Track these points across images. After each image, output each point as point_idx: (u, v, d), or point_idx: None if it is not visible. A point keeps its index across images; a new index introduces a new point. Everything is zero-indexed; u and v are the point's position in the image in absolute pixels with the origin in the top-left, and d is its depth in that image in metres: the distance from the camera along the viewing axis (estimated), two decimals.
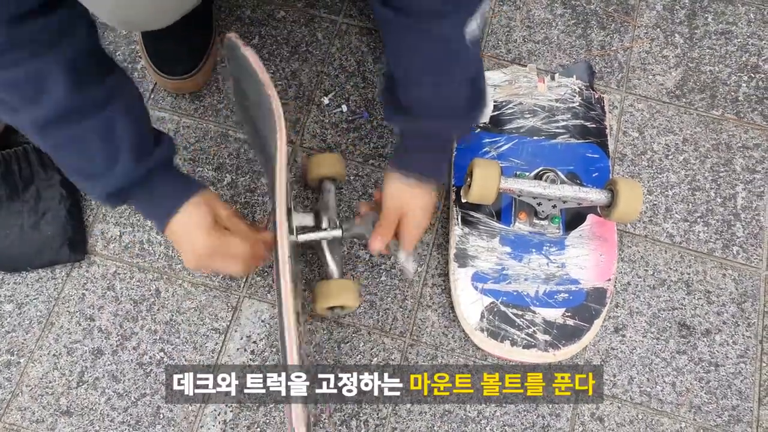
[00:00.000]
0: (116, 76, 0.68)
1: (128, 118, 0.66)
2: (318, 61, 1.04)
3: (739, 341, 0.90)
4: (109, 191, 0.68)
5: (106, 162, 0.66)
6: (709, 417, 0.87)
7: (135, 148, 0.67)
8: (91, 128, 0.64)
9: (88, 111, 0.64)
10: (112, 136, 0.65)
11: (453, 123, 0.74)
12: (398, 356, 0.88)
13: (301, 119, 1.00)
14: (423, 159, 0.76)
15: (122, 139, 0.66)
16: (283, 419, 0.85)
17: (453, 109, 0.72)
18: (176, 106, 1.01)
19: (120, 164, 0.66)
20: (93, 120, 0.64)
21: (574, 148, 0.96)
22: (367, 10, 1.07)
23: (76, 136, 0.65)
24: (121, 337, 0.89)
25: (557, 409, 0.86)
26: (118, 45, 1.04)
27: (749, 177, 0.99)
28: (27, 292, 0.91)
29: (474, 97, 0.74)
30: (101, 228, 0.94)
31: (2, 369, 0.87)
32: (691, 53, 1.07)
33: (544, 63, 1.05)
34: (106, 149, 0.66)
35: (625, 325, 0.91)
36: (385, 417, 0.85)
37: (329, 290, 0.83)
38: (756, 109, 1.03)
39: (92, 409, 0.86)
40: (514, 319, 0.87)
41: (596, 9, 1.09)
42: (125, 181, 0.68)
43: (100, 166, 0.67)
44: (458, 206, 0.92)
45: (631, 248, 0.95)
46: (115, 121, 0.65)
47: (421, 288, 0.92)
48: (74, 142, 0.65)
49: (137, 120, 0.68)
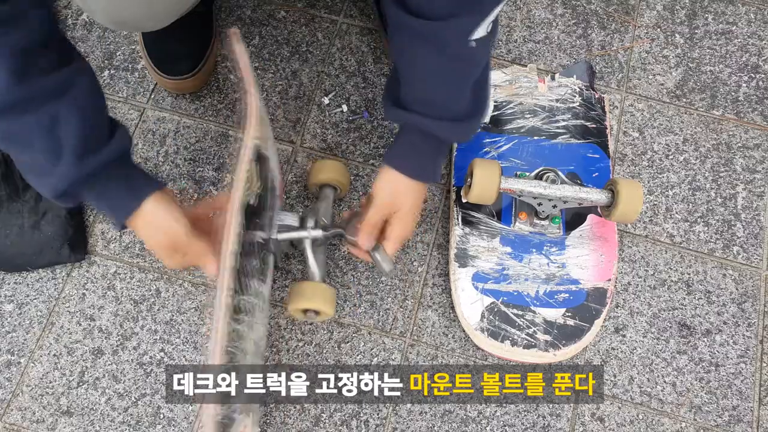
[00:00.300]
0: (72, 68, 0.63)
1: (76, 115, 0.62)
2: (318, 61, 1.04)
3: (739, 341, 0.90)
4: (56, 191, 0.65)
5: (50, 160, 0.63)
6: (709, 417, 0.87)
7: (79, 147, 0.63)
8: (34, 123, 0.61)
9: (30, 105, 0.60)
10: (54, 134, 0.62)
11: (451, 126, 0.73)
12: (398, 356, 0.88)
13: (302, 119, 1.00)
14: (416, 158, 0.76)
15: (66, 138, 0.62)
16: (284, 419, 0.85)
17: (453, 111, 0.72)
18: (176, 106, 1.01)
19: (62, 164, 0.63)
20: (35, 115, 0.60)
21: (574, 148, 0.96)
22: (367, 10, 1.07)
23: (19, 131, 0.61)
24: (121, 337, 0.89)
25: (557, 409, 0.86)
26: (119, 45, 1.04)
27: (749, 177, 0.99)
28: (27, 292, 0.91)
29: (475, 103, 0.73)
30: (101, 228, 0.94)
31: (3, 369, 0.87)
32: (692, 53, 1.07)
33: (545, 63, 1.05)
34: (48, 147, 0.62)
35: (625, 325, 0.91)
36: (386, 417, 0.85)
37: (303, 291, 0.81)
38: (756, 109, 1.03)
39: (92, 409, 0.86)
40: (515, 319, 0.87)
41: (596, 9, 1.09)
42: (68, 181, 0.64)
43: (45, 165, 0.63)
44: (459, 206, 0.92)
45: (631, 248, 0.95)
46: (60, 118, 0.61)
47: (421, 288, 0.92)
48: (18, 137, 0.62)
49: (86, 116, 0.64)
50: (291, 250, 0.92)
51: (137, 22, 0.77)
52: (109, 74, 1.02)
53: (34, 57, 0.59)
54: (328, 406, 0.85)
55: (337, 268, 0.92)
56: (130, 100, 1.01)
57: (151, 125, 1.00)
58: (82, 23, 1.04)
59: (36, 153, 0.63)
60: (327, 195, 0.90)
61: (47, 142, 0.62)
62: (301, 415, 0.85)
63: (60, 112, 0.61)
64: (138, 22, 0.76)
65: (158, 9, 0.74)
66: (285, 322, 0.89)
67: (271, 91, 1.02)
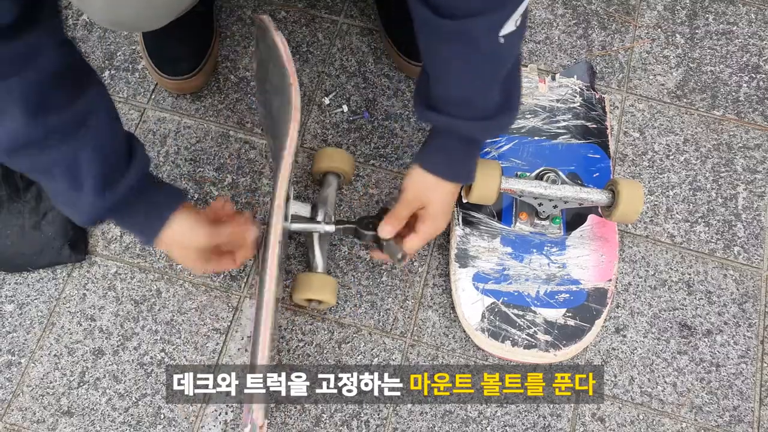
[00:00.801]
0: (89, 95, 0.63)
1: (93, 152, 0.63)
2: (319, 62, 1.04)
3: (740, 342, 0.90)
4: (81, 220, 0.67)
5: (73, 193, 0.64)
6: (710, 417, 0.87)
7: (99, 184, 0.64)
8: (54, 160, 0.61)
9: (49, 141, 0.60)
10: (75, 170, 0.62)
11: (482, 125, 0.71)
12: (399, 357, 0.88)
13: (302, 119, 1.00)
14: (447, 159, 0.75)
15: (85, 175, 0.63)
16: (284, 419, 0.85)
17: (483, 110, 0.70)
18: (177, 106, 1.01)
19: (84, 198, 0.64)
20: (55, 151, 0.61)
21: (575, 149, 0.96)
22: (367, 11, 1.07)
23: (41, 166, 0.62)
24: (122, 337, 0.89)
25: (558, 410, 0.86)
26: (119, 45, 1.04)
27: (750, 177, 0.99)
28: (28, 293, 0.91)
29: (506, 99, 0.71)
30: (102, 228, 0.94)
31: (3, 369, 0.87)
32: (692, 53, 1.07)
33: (545, 63, 1.05)
34: (69, 183, 0.63)
35: (626, 326, 0.91)
36: (386, 417, 0.85)
37: (311, 283, 0.84)
38: (757, 110, 1.03)
39: (93, 409, 0.86)
40: (515, 319, 0.87)
41: (597, 9, 1.09)
42: (91, 214, 0.66)
43: (69, 197, 0.65)
44: (459, 206, 0.92)
45: (632, 248, 0.95)
46: (78, 157, 0.62)
47: (422, 288, 0.92)
48: (40, 171, 0.63)
49: (104, 149, 0.64)
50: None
51: (135, 23, 0.77)
52: (109, 75, 1.02)
53: (51, 89, 0.58)
54: (329, 406, 0.85)
55: (338, 269, 0.92)
56: (131, 100, 1.01)
57: (152, 126, 1.00)
58: (83, 24, 1.04)
59: (59, 186, 0.64)
60: (330, 182, 0.90)
61: (67, 179, 0.63)
62: (302, 416, 0.85)
63: (77, 151, 0.62)
64: (136, 22, 0.76)
65: (156, 9, 0.74)
66: (285, 322, 0.90)
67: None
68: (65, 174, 0.63)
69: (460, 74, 0.67)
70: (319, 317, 0.90)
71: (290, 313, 0.90)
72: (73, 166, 0.62)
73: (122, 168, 0.66)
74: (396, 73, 1.03)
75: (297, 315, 0.90)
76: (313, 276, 0.85)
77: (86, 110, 0.62)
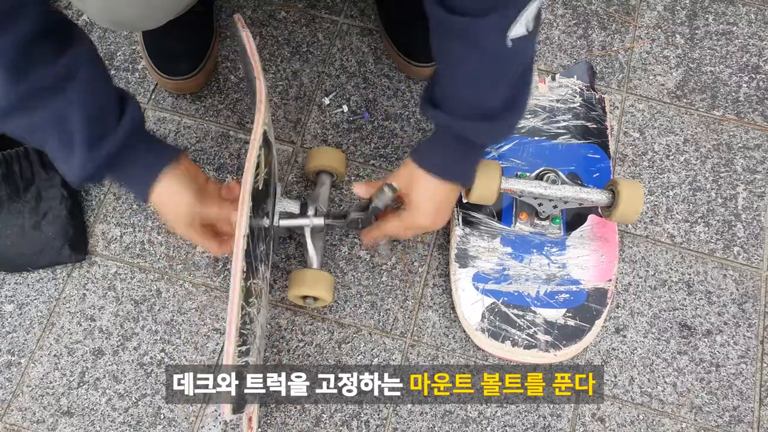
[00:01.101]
0: (73, 52, 0.62)
1: (81, 107, 0.62)
2: (319, 62, 1.04)
3: (740, 342, 0.90)
4: (76, 178, 0.67)
5: (66, 152, 0.65)
6: (710, 417, 0.87)
7: (88, 138, 0.64)
8: (43, 120, 0.62)
9: (36, 102, 0.61)
10: (65, 128, 0.63)
11: (476, 125, 0.70)
12: (399, 357, 0.88)
13: (302, 120, 1.00)
14: (440, 155, 0.75)
15: (75, 131, 0.63)
16: (284, 420, 0.85)
17: (480, 111, 0.69)
18: (177, 106, 1.01)
19: (76, 155, 0.64)
20: (41, 113, 0.61)
21: (575, 149, 0.96)
22: (367, 11, 1.07)
23: (31, 127, 0.63)
24: (121, 337, 0.89)
25: (558, 410, 0.86)
26: (119, 45, 1.04)
27: (750, 177, 0.99)
28: (28, 293, 0.91)
29: (507, 106, 0.70)
30: (102, 228, 0.94)
31: (3, 369, 0.87)
32: (692, 54, 1.07)
33: (545, 63, 1.05)
34: (60, 141, 0.64)
35: (625, 326, 0.91)
36: (386, 417, 0.85)
37: (304, 279, 0.84)
38: (757, 110, 1.03)
39: (93, 409, 0.86)
40: (515, 319, 0.87)
41: (597, 9, 1.09)
42: (84, 170, 0.65)
43: (63, 155, 0.65)
44: (459, 206, 0.92)
45: (632, 249, 0.95)
46: (66, 114, 0.62)
47: (422, 288, 0.92)
48: (32, 132, 0.64)
49: (92, 104, 0.64)
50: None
51: (134, 22, 0.77)
52: None
53: (33, 49, 0.58)
54: (329, 406, 0.85)
55: (338, 269, 0.92)
56: None
57: (152, 126, 1.00)
58: (83, 24, 1.04)
59: (53, 145, 0.64)
60: (324, 181, 0.91)
61: (58, 137, 0.63)
62: (302, 416, 0.85)
63: (65, 109, 0.62)
64: (135, 22, 0.76)
65: (155, 9, 0.74)
66: (285, 322, 0.90)
67: (272, 92, 1.02)
68: (55, 133, 0.63)
69: (464, 73, 0.67)
70: (319, 317, 0.90)
71: (290, 313, 0.90)
72: (62, 125, 0.62)
73: (112, 125, 0.66)
74: (396, 74, 1.03)
75: (297, 315, 0.90)
76: (307, 272, 0.85)
77: (70, 67, 0.62)
